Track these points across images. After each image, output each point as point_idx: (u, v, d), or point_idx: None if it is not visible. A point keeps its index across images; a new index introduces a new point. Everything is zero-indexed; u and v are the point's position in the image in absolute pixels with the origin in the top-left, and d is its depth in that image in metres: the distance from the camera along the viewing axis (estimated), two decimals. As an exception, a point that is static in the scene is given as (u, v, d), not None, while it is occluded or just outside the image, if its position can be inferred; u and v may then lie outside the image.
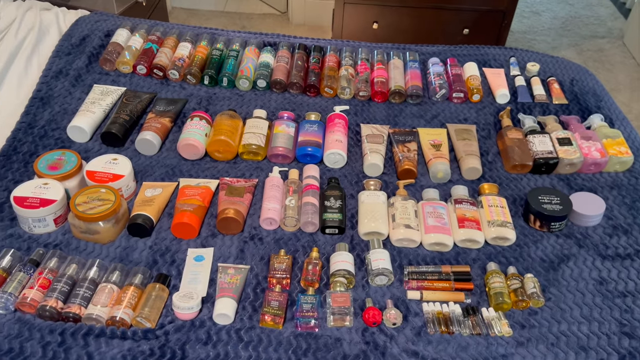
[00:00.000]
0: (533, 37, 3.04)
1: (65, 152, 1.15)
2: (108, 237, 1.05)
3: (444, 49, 1.62)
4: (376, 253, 1.02)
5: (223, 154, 1.25)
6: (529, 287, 0.99)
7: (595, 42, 3.02)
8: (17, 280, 0.94)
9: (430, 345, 0.91)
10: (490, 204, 1.12)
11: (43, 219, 1.04)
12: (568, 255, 1.07)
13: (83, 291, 0.93)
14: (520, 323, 0.95)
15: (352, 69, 1.49)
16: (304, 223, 1.09)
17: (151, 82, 1.46)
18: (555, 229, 1.11)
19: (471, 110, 1.42)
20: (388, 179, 1.23)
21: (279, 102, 1.42)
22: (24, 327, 0.89)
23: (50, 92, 1.38)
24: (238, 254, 1.05)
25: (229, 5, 3.22)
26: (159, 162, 1.24)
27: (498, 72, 1.52)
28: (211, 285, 0.99)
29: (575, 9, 3.34)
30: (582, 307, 0.97)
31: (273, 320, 0.93)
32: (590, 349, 0.91)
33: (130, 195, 1.15)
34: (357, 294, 0.99)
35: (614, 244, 1.09)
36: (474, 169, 1.22)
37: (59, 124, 1.30)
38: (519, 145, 1.26)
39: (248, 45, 1.54)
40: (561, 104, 1.44)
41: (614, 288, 1.01)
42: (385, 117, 1.39)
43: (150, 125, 1.27)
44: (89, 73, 1.46)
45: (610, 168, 1.25)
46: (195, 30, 1.62)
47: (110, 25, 1.59)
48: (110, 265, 0.99)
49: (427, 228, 1.08)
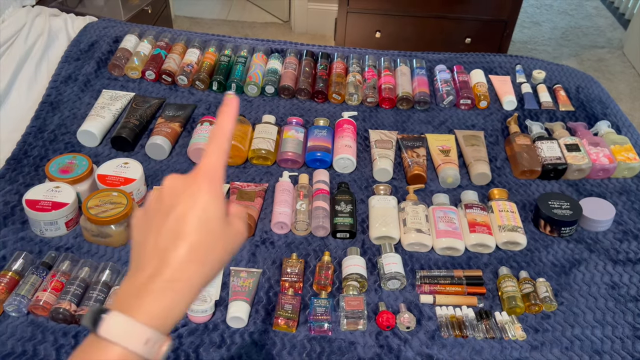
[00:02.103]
0: (534, 46, 3.06)
1: (77, 156, 1.16)
2: (120, 240, 1.05)
3: (450, 56, 1.64)
4: (388, 257, 1.02)
5: (233, 158, 1.25)
6: (542, 291, 0.99)
7: (595, 52, 3.05)
8: (29, 283, 0.94)
9: (444, 349, 0.91)
10: (501, 209, 1.12)
11: (55, 222, 1.04)
12: (579, 259, 1.07)
13: (96, 294, 0.93)
14: (534, 327, 0.95)
15: (359, 75, 1.49)
16: (315, 227, 1.09)
17: (160, 87, 1.46)
18: (566, 234, 1.11)
19: (478, 116, 1.43)
20: (397, 184, 1.23)
21: (287, 108, 1.43)
22: (37, 329, 0.89)
23: (60, 97, 1.38)
24: (250, 258, 1.05)
25: (231, 14, 3.24)
26: (169, 167, 1.24)
27: (504, 79, 1.53)
28: (224, 289, 0.99)
29: (575, 19, 3.37)
30: (595, 312, 0.98)
31: (286, 324, 0.92)
32: (605, 353, 0.91)
33: (140, 200, 1.15)
34: (370, 297, 0.99)
35: (625, 248, 1.10)
36: (483, 174, 1.23)
37: (69, 128, 1.31)
38: (527, 151, 1.27)
39: (256, 51, 1.55)
40: (568, 110, 1.45)
41: (626, 292, 1.01)
42: (393, 123, 1.40)
43: (160, 130, 1.27)
44: (98, 78, 1.46)
45: (618, 174, 1.26)
46: (203, 37, 1.63)
47: (118, 32, 1.60)
48: (122, 269, 0.99)
49: (439, 232, 1.08)
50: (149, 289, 0.45)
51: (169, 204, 0.48)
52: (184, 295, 0.46)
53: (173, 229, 0.47)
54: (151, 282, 0.45)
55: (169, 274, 0.46)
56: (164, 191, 0.49)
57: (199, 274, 0.47)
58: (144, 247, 0.48)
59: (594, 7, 3.52)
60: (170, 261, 0.46)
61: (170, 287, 0.46)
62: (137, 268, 0.47)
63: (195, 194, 0.48)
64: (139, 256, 0.48)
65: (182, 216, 0.47)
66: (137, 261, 0.48)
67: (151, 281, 0.45)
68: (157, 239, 0.47)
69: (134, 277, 0.47)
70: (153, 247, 0.47)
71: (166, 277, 0.46)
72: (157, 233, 0.47)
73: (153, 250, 0.47)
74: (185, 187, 0.48)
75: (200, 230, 0.47)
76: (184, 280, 0.46)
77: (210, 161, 0.49)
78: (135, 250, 0.49)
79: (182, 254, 0.46)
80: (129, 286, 0.47)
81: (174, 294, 0.46)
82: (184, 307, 0.47)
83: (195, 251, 0.47)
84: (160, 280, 0.45)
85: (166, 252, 0.46)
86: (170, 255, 0.46)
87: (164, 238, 0.47)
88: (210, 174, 0.49)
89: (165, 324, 0.46)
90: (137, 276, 0.47)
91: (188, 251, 0.46)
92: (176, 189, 0.48)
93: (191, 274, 0.46)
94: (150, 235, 0.47)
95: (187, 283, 0.46)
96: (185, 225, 0.47)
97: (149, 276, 0.46)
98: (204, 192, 0.48)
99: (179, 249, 0.46)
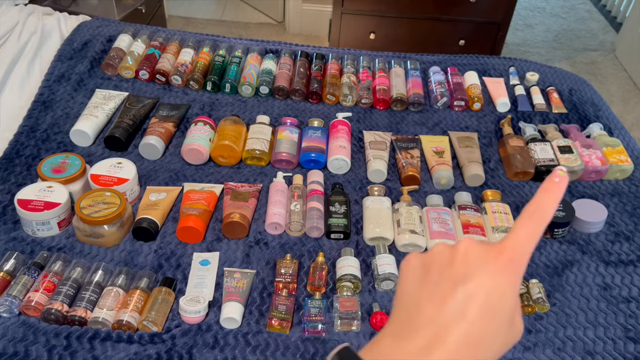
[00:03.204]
0: (527, 49, 3.08)
1: (69, 156, 1.15)
2: (112, 240, 1.04)
3: (444, 58, 1.64)
4: (382, 258, 1.02)
5: (227, 159, 1.25)
6: (535, 292, 0.99)
7: (587, 55, 3.07)
8: (21, 283, 0.93)
9: (438, 350, 0.91)
10: (494, 210, 1.13)
11: (47, 222, 1.03)
12: (572, 261, 1.08)
13: (89, 294, 0.92)
14: (527, 328, 0.95)
15: (354, 76, 1.50)
16: (309, 228, 1.09)
17: (153, 87, 1.46)
18: (558, 235, 1.12)
19: (472, 118, 1.43)
20: (391, 185, 1.23)
21: (282, 108, 1.43)
22: (28, 330, 0.88)
23: (53, 96, 1.37)
24: (244, 259, 1.04)
25: (225, 14, 3.24)
26: (162, 167, 1.24)
27: (498, 81, 1.54)
28: (217, 290, 0.98)
29: (568, 22, 3.39)
30: (587, 313, 0.98)
31: (280, 325, 0.92)
32: (597, 354, 0.91)
33: (134, 200, 1.15)
34: (364, 298, 0.99)
35: (617, 250, 1.10)
36: (477, 175, 1.23)
37: (62, 127, 1.30)
38: (521, 153, 1.28)
39: (250, 52, 1.55)
40: (560, 113, 1.46)
41: (618, 294, 1.02)
42: (388, 125, 1.40)
43: (154, 130, 1.27)
44: (91, 78, 1.46)
45: (610, 176, 1.27)
46: (197, 37, 1.63)
47: (112, 31, 1.60)
48: (115, 269, 0.99)
49: (432, 233, 1.09)
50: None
51: (461, 273, 0.42)
52: None
53: (460, 306, 0.41)
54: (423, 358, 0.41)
55: (443, 356, 0.41)
56: (457, 254, 0.43)
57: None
58: (418, 309, 0.42)
59: (587, 10, 3.54)
60: (447, 340, 0.41)
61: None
62: (407, 329, 0.42)
63: (494, 275, 0.42)
64: (410, 315, 0.43)
65: (473, 295, 0.41)
66: (407, 319, 0.43)
67: (422, 357, 0.41)
68: (439, 309, 0.41)
69: (401, 338, 0.42)
70: (431, 316, 0.42)
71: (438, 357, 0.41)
72: (441, 302, 0.42)
73: (431, 319, 0.41)
74: (485, 260, 0.42)
75: (486, 318, 0.41)
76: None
77: (520, 240, 0.43)
78: (405, 304, 0.44)
79: (461, 336, 0.41)
80: (394, 348, 0.42)
81: None
82: None
83: (475, 338, 0.41)
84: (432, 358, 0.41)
85: (446, 329, 0.41)
86: (449, 333, 0.41)
87: (448, 312, 0.41)
88: (518, 257, 0.42)
89: None
90: (407, 342, 0.41)
91: (467, 335, 0.41)
92: (474, 257, 0.43)
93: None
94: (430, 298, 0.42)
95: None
96: (473, 307, 0.41)
97: (420, 350, 0.41)
98: (505, 278, 0.42)
99: (460, 330, 0.41)
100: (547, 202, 0.43)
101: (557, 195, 0.44)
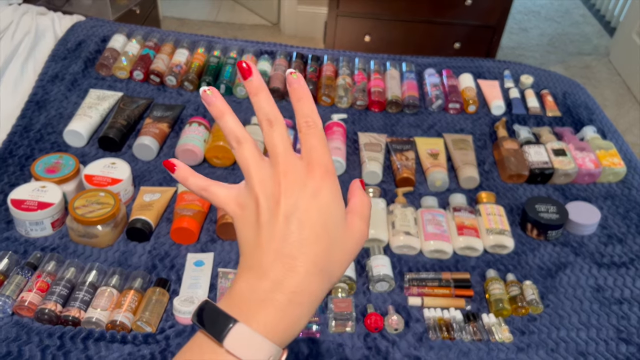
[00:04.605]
0: (522, 52, 3.10)
1: (63, 156, 1.14)
2: (106, 241, 1.04)
3: (439, 60, 1.65)
4: (377, 259, 1.03)
5: (222, 160, 1.24)
6: (528, 294, 0.99)
7: (581, 59, 3.09)
8: (14, 283, 0.92)
9: (432, 351, 0.91)
10: (489, 212, 1.13)
11: (40, 222, 1.03)
12: (565, 263, 1.08)
13: (82, 294, 0.92)
14: (520, 329, 0.96)
15: (349, 78, 1.50)
16: (304, 229, 1.09)
17: (148, 87, 1.45)
18: (552, 237, 1.12)
19: (467, 120, 1.44)
20: (386, 187, 1.24)
21: (277, 109, 1.43)
22: (22, 330, 0.88)
23: (46, 96, 1.37)
24: (238, 260, 1.04)
25: (220, 16, 3.24)
26: (156, 168, 1.23)
27: (493, 84, 1.54)
28: (211, 291, 0.98)
29: (562, 26, 3.41)
30: (580, 314, 0.99)
31: (274, 326, 0.92)
32: (589, 355, 0.92)
33: (128, 200, 1.14)
34: (358, 300, 0.99)
35: (609, 252, 1.11)
36: (471, 178, 1.24)
37: (55, 127, 1.29)
38: (515, 156, 1.28)
39: (245, 53, 1.55)
40: (554, 116, 1.47)
41: (611, 295, 1.02)
42: (383, 127, 1.40)
43: (148, 131, 1.26)
44: (85, 78, 1.45)
45: (603, 179, 1.28)
46: (192, 38, 1.63)
47: (106, 31, 1.59)
48: (109, 270, 0.98)
49: (427, 235, 1.09)
50: (274, 300, 0.42)
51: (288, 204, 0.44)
52: (309, 309, 0.44)
53: (297, 235, 0.43)
54: (277, 291, 0.42)
55: (294, 285, 0.43)
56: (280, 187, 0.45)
57: (323, 285, 0.44)
58: (262, 250, 0.44)
59: (581, 15, 3.57)
60: (296, 268, 0.43)
61: (296, 301, 0.43)
62: (257, 270, 0.44)
63: (315, 194, 0.44)
64: (254, 256, 0.44)
65: (304, 220, 0.44)
66: (254, 261, 0.44)
67: (277, 290, 0.42)
68: (281, 244, 0.44)
69: (254, 280, 0.43)
70: (275, 252, 0.43)
71: (292, 288, 0.42)
72: (281, 238, 0.44)
73: (276, 255, 0.43)
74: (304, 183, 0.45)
75: (321, 235, 0.44)
76: (309, 292, 0.43)
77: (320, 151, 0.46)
78: (249, 248, 0.45)
79: (307, 260, 0.43)
80: (250, 290, 0.43)
81: (300, 307, 0.43)
82: (304, 322, 0.44)
83: (319, 257, 0.43)
84: (286, 291, 0.42)
85: (292, 258, 0.43)
86: (296, 264, 0.43)
87: (289, 244, 0.43)
88: (329, 167, 0.45)
89: (286, 339, 0.43)
90: (260, 281, 0.43)
91: (313, 256, 0.43)
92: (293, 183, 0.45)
93: (315, 286, 0.44)
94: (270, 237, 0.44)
95: (312, 296, 0.44)
96: (307, 230, 0.43)
97: (274, 283, 0.43)
98: (324, 192, 0.44)
99: (304, 255, 0.43)
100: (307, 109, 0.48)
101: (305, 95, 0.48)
